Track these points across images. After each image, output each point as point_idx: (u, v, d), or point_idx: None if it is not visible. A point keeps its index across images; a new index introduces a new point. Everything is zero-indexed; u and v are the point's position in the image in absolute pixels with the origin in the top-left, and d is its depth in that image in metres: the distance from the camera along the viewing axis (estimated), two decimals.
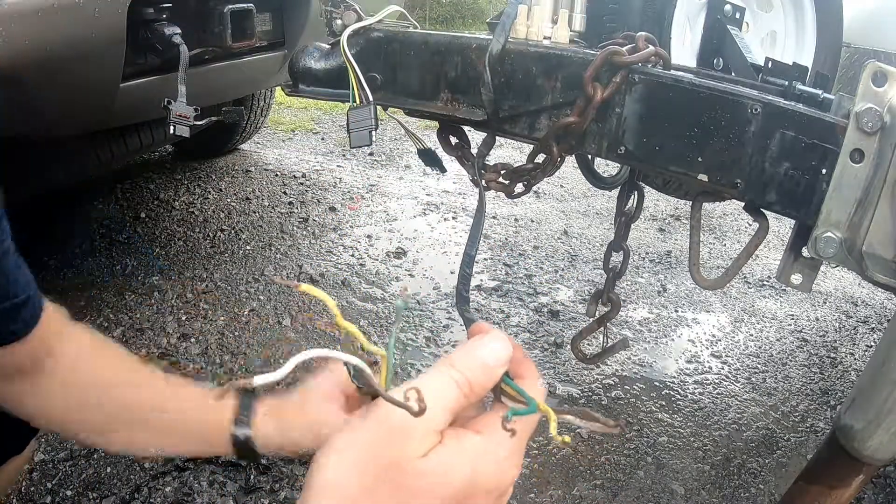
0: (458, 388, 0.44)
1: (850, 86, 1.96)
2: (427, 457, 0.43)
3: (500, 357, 0.46)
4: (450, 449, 0.44)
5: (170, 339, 1.98)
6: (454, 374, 0.45)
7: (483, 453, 0.44)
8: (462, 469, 0.43)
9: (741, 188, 0.75)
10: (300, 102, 4.75)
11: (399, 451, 0.42)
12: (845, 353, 2.32)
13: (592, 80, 0.77)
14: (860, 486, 0.84)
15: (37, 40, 1.26)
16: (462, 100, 0.89)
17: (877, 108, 0.67)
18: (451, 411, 0.44)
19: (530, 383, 0.49)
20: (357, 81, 0.90)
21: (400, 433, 0.42)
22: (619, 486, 1.61)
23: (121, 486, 1.46)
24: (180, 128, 1.42)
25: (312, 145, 4.08)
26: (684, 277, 2.72)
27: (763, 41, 1.39)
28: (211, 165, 3.40)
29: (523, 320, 2.29)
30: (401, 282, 2.45)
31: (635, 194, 1.20)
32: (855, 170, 0.68)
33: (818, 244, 0.71)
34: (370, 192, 3.35)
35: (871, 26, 2.51)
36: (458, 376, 0.45)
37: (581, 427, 0.50)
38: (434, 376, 0.45)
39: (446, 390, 0.44)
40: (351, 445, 0.44)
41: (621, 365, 2.08)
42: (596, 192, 3.54)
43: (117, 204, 2.85)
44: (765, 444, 1.80)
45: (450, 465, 0.43)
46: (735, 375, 2.10)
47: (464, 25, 10.33)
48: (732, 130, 0.74)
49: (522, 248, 2.87)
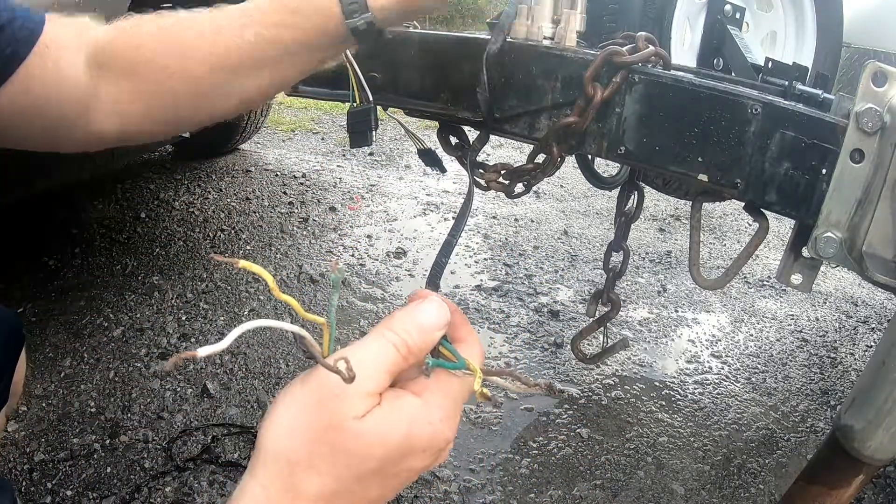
0: (395, 351, 0.46)
1: (850, 86, 1.96)
2: (364, 418, 0.44)
3: (437, 320, 0.48)
4: (387, 410, 0.45)
5: (170, 339, 1.98)
6: (392, 337, 0.47)
7: (419, 414, 0.46)
8: (398, 429, 0.45)
9: (741, 188, 0.75)
10: (300, 102, 4.75)
11: (336, 413, 0.44)
12: (845, 353, 2.32)
13: (592, 80, 0.77)
14: (860, 486, 0.84)
15: None
16: (462, 100, 0.89)
17: (877, 108, 0.67)
18: (388, 373, 0.46)
19: (468, 346, 0.51)
20: (357, 81, 0.90)
21: (336, 396, 0.44)
22: (619, 486, 1.61)
23: (121, 486, 1.46)
24: None
25: (312, 145, 4.08)
26: (684, 277, 2.72)
27: (763, 41, 1.39)
28: (211, 165, 3.40)
29: (523, 320, 2.29)
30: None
31: (635, 194, 1.20)
32: (855, 170, 0.68)
33: (818, 244, 0.71)
34: (370, 192, 3.35)
35: (871, 26, 2.51)
36: (396, 339, 0.47)
37: (508, 388, 0.52)
38: (372, 339, 0.47)
39: (384, 353, 0.46)
40: (289, 410, 0.46)
41: (621, 365, 2.08)
42: (596, 192, 3.54)
43: (117, 204, 2.85)
44: (765, 444, 1.80)
45: (387, 424, 0.45)
46: (735, 375, 2.10)
47: (464, 25, 10.33)
48: (732, 130, 0.74)
49: (522, 248, 2.87)
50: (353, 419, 0.44)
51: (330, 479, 0.45)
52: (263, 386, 1.83)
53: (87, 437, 1.58)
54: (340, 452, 0.44)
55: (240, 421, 1.69)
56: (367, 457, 0.45)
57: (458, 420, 0.50)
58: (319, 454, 0.45)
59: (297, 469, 0.45)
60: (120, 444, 1.58)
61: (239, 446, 1.61)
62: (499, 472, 1.60)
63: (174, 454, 1.56)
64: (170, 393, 1.76)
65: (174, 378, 1.81)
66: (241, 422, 1.68)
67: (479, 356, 0.51)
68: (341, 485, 0.45)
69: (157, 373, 1.82)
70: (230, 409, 1.72)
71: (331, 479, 0.45)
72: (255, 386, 1.82)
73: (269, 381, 1.85)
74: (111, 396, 1.73)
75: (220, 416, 1.70)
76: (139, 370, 1.83)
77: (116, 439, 1.59)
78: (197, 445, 1.59)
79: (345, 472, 0.45)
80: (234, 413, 1.71)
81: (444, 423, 0.47)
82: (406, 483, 0.49)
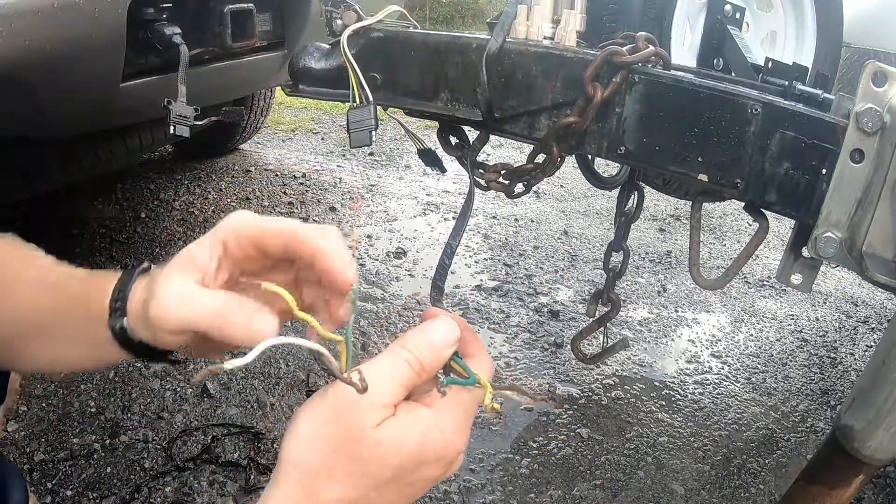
0: (409, 367, 0.49)
1: (850, 86, 1.96)
2: (380, 427, 0.47)
3: (448, 339, 0.51)
4: (401, 420, 0.48)
5: None
6: (405, 354, 0.49)
7: (432, 425, 0.49)
8: (413, 439, 0.48)
9: (741, 188, 0.75)
10: (300, 102, 4.75)
11: (353, 424, 0.47)
12: (845, 353, 2.32)
13: (592, 80, 0.77)
14: (860, 486, 0.84)
15: (37, 40, 1.26)
16: (462, 100, 0.89)
17: (877, 108, 0.67)
18: (402, 386, 0.49)
19: (477, 361, 0.54)
20: (357, 81, 0.90)
21: (352, 408, 0.47)
22: (619, 486, 1.61)
23: (121, 486, 1.46)
24: (180, 128, 1.42)
25: (312, 145, 4.08)
26: (684, 277, 2.72)
27: (763, 41, 1.39)
28: (211, 165, 3.40)
29: (523, 320, 2.29)
30: (400, 281, 2.45)
31: (635, 194, 1.20)
32: (855, 170, 0.68)
33: (818, 244, 0.71)
34: (370, 192, 3.35)
35: (871, 26, 2.51)
36: (409, 356, 0.49)
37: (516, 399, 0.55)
38: (386, 356, 0.50)
39: (398, 369, 0.49)
40: (309, 423, 0.48)
41: (621, 365, 2.08)
42: (596, 192, 3.54)
43: (117, 204, 2.85)
44: (765, 444, 1.80)
45: (401, 434, 0.47)
46: (735, 375, 2.10)
47: (464, 25, 10.33)
48: (732, 130, 0.74)
49: (522, 248, 2.87)
50: (369, 429, 0.46)
51: (349, 487, 0.47)
52: (263, 386, 1.83)
53: (87, 437, 1.58)
54: (357, 462, 0.47)
55: (240, 421, 1.69)
56: (384, 465, 0.47)
57: (469, 432, 0.52)
58: (338, 464, 0.47)
59: (317, 479, 0.47)
60: (120, 444, 1.58)
61: (239, 446, 1.61)
62: (499, 472, 1.60)
63: (174, 454, 1.56)
64: (170, 393, 1.76)
65: (174, 378, 1.81)
66: (241, 422, 1.68)
67: (488, 371, 0.54)
68: (359, 493, 0.47)
69: (157, 372, 1.82)
70: (230, 409, 1.72)
71: (350, 487, 0.47)
72: (254, 386, 1.82)
73: (269, 382, 1.85)
74: (111, 396, 1.73)
75: (220, 416, 1.70)
76: (139, 370, 1.83)
77: (116, 439, 1.59)
78: (197, 445, 1.59)
79: (362, 481, 0.47)
80: (234, 413, 1.71)
81: (456, 434, 0.50)
82: (420, 493, 0.51)
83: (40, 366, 0.69)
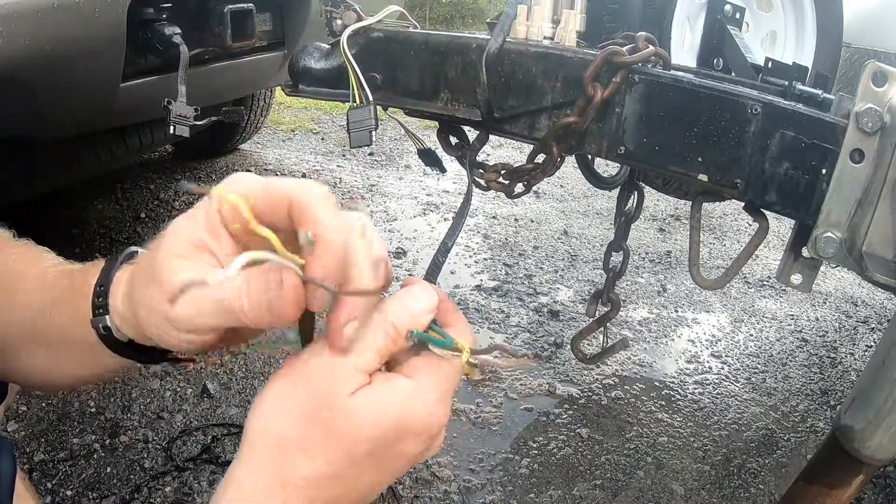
0: (383, 332, 0.45)
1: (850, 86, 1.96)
2: (355, 395, 0.43)
3: (426, 305, 0.48)
4: (378, 389, 0.44)
5: None
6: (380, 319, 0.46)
7: (412, 396, 0.45)
8: (391, 409, 0.44)
9: (741, 188, 0.75)
10: (300, 102, 4.74)
11: (327, 388, 0.43)
12: (845, 353, 2.32)
13: (592, 80, 0.77)
14: (860, 486, 0.84)
15: (37, 40, 1.25)
16: (462, 100, 0.89)
17: (877, 108, 0.67)
18: (377, 353, 0.45)
19: (457, 331, 0.50)
20: (357, 81, 0.90)
21: (327, 370, 0.44)
22: (619, 486, 1.61)
23: (121, 486, 1.46)
24: (180, 128, 1.42)
25: (312, 145, 4.08)
26: (684, 277, 2.72)
27: (763, 41, 1.39)
28: (211, 165, 3.40)
29: (523, 320, 2.29)
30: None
31: (635, 194, 1.20)
32: (855, 170, 0.68)
33: (818, 244, 0.71)
34: (370, 192, 3.35)
35: (871, 26, 2.51)
36: (384, 321, 0.46)
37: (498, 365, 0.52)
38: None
39: (370, 334, 0.45)
40: (280, 388, 0.45)
41: (621, 365, 2.08)
42: (596, 192, 3.54)
43: (117, 204, 2.85)
44: (765, 444, 1.80)
45: (379, 402, 0.44)
46: (735, 375, 2.10)
47: (464, 25, 10.33)
48: (732, 130, 0.74)
49: (522, 248, 2.87)
50: (344, 396, 0.43)
51: (322, 462, 0.44)
52: (263, 386, 1.83)
53: (87, 437, 1.58)
54: (332, 433, 0.43)
55: (240, 421, 1.68)
56: (360, 438, 0.44)
57: (451, 404, 0.49)
58: (310, 434, 0.44)
59: (288, 451, 0.44)
60: (120, 444, 1.58)
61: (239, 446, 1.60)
62: (499, 472, 1.60)
63: (174, 454, 1.56)
64: (170, 393, 1.76)
65: (174, 378, 1.81)
66: (240, 422, 1.68)
67: (468, 341, 0.50)
68: (333, 469, 0.44)
69: (157, 373, 1.82)
70: (230, 409, 1.72)
71: (323, 462, 0.44)
72: (254, 386, 1.82)
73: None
74: (111, 396, 1.73)
75: (220, 416, 1.70)
76: (139, 370, 1.83)
77: (116, 439, 1.59)
78: (197, 445, 1.59)
79: (337, 456, 0.44)
80: (234, 413, 1.71)
81: (438, 406, 0.46)
82: (399, 472, 0.48)
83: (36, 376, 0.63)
